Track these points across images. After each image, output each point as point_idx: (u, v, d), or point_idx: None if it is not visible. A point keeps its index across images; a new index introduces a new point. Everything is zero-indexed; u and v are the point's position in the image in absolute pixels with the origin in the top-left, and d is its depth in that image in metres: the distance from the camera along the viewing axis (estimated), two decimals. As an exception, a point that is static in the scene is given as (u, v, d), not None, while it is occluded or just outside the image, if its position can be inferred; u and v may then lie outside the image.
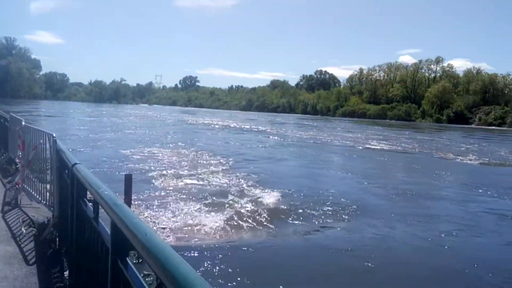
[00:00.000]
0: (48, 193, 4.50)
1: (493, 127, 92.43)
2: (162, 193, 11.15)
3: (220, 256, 6.69)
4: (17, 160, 6.71)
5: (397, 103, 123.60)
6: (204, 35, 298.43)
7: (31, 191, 4.80)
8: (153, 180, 12.86)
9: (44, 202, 4.61)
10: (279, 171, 17.17)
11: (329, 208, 10.47)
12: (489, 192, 14.18)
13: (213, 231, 8.00)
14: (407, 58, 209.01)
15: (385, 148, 30.23)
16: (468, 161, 24.00)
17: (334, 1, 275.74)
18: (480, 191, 14.48)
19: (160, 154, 19.28)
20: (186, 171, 15.11)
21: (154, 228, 7.59)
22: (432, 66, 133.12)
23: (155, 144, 23.66)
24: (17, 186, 5.13)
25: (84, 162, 11.61)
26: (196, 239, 7.43)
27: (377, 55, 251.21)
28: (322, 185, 14.01)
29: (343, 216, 10.01)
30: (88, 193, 2.64)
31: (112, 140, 25.16)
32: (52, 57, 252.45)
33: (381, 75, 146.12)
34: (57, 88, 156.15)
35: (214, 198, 10.92)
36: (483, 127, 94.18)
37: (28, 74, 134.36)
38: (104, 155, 18.03)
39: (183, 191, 11.56)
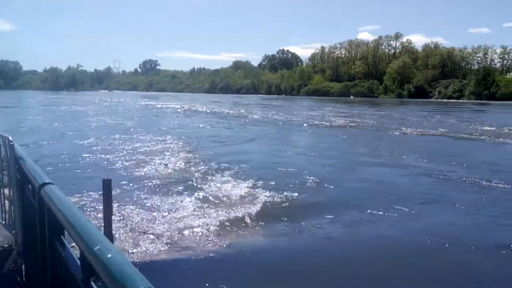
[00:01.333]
0: (6, 211, 3.61)
1: (453, 100, 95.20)
2: (134, 187, 10.37)
3: (221, 263, 6.23)
4: None
5: (360, 80, 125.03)
6: (164, 17, 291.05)
7: None
8: (124, 175, 12.01)
9: (3, 222, 3.69)
10: (247, 155, 16.67)
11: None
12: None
13: (203, 233, 7.38)
14: (366, 35, 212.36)
15: (345, 124, 30.99)
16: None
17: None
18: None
19: (125, 143, 18.27)
20: (157, 160, 14.30)
21: (143, 237, 7.04)
22: (391, 42, 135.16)
23: (118, 132, 22.50)
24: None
25: (45, 157, 10.61)
26: (188, 246, 6.82)
27: (337, 33, 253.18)
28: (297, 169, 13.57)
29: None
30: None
31: (71, 130, 23.81)
32: (3, 44, 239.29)
33: (343, 52, 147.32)
34: (10, 76, 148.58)
35: (189, 188, 10.36)
36: (443, 100, 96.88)
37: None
38: (65, 148, 16.85)
39: (158, 183, 10.84)
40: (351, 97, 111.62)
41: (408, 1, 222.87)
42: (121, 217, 7.90)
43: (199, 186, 10.74)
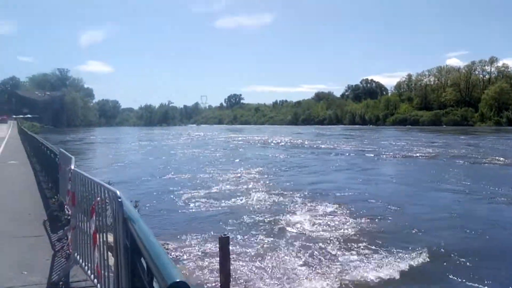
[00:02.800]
0: (110, 277, 2.92)
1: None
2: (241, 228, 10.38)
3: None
4: (66, 209, 6.00)
5: (451, 107, 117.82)
6: (245, 53, 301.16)
7: (83, 264, 3.66)
8: (226, 212, 12.16)
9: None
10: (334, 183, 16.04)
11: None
12: None
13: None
14: (454, 61, 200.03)
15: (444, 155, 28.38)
16: None
17: (370, 10, 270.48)
18: None
19: (219, 176, 18.69)
20: (258, 193, 14.34)
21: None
22: (486, 67, 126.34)
23: (210, 165, 23.20)
24: (68, 248, 4.39)
25: (143, 196, 10.87)
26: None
27: (422, 60, 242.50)
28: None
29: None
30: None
31: (167, 164, 25.00)
32: (104, 85, 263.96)
33: (431, 80, 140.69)
34: (110, 114, 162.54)
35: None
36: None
37: (82, 103, 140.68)
38: (163, 185, 17.59)
39: (266, 226, 10.68)
40: (443, 126, 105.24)
41: (498, 24, 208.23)
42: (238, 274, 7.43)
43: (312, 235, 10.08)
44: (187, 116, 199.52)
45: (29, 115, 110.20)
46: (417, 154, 30.12)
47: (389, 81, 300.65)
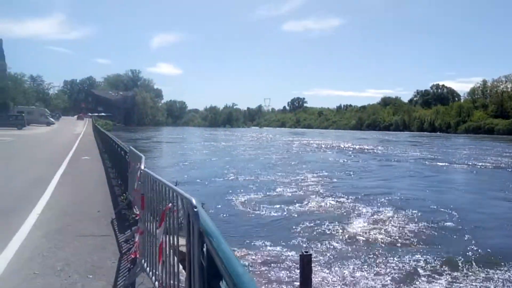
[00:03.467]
0: None
1: None
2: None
3: None
4: (134, 208, 5.83)
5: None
6: (310, 56, 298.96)
7: (150, 273, 3.46)
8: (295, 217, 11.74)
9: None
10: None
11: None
12: None
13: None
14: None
15: None
16: None
17: (440, 14, 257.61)
18: None
19: (283, 182, 18.31)
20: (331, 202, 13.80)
21: None
22: None
23: (275, 169, 22.91)
24: (135, 254, 4.17)
25: (209, 199, 10.65)
26: None
27: (497, 66, 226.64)
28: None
29: None
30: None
31: (231, 165, 25.05)
32: (172, 87, 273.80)
33: (508, 86, 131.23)
34: (176, 115, 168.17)
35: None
36: None
37: (152, 103, 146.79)
38: (228, 187, 17.52)
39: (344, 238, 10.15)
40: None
41: None
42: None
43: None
44: (250, 118, 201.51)
45: (103, 113, 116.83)
46: (489, 164, 27.88)
47: (461, 86, 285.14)
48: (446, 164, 29.05)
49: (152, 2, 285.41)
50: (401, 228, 10.85)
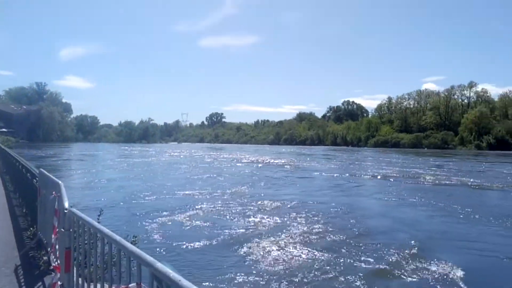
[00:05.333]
0: None
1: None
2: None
3: None
4: (50, 255, 4.35)
5: (432, 130, 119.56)
6: (228, 72, 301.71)
7: None
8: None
9: None
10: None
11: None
12: None
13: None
14: (431, 86, 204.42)
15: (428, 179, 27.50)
16: None
17: (350, 34, 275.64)
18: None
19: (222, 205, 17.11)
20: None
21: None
22: (465, 91, 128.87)
23: (206, 185, 21.61)
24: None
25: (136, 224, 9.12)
26: None
27: (400, 84, 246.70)
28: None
29: None
30: None
31: (159, 184, 23.27)
32: (83, 101, 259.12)
33: (411, 103, 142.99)
34: (88, 130, 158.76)
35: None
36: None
37: (60, 117, 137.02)
38: (161, 209, 15.94)
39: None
40: (424, 148, 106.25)
41: (474, 50, 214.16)
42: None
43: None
44: (167, 134, 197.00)
45: (4, 129, 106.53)
46: (394, 174, 29.32)
47: (369, 103, 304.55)
48: (356, 175, 30.72)
49: (62, 11, 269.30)
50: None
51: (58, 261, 3.38)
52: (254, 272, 8.00)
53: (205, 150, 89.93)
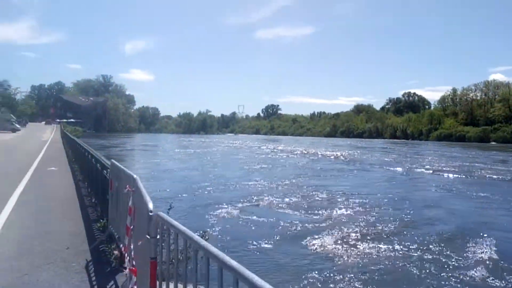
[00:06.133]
0: None
1: None
2: None
3: None
4: (122, 249, 4.18)
5: (500, 124, 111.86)
6: (283, 64, 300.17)
7: None
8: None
9: None
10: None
11: None
12: None
13: None
14: (499, 76, 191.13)
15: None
16: None
17: (409, 23, 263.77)
18: None
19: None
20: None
21: None
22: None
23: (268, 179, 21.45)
24: None
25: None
26: None
27: (464, 75, 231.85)
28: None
29: None
30: None
31: (222, 176, 23.41)
32: (144, 92, 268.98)
33: (478, 94, 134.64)
34: (149, 121, 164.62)
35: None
36: None
37: (124, 109, 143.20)
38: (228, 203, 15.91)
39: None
40: (492, 142, 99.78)
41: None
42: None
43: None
44: (224, 125, 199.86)
45: (72, 119, 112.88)
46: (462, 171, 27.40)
47: (431, 95, 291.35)
48: (421, 169, 29.41)
49: (125, 8, 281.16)
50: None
51: (134, 263, 3.17)
52: (329, 269, 7.59)
53: (262, 141, 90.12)
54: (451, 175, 26.06)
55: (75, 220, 7.18)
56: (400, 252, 9.02)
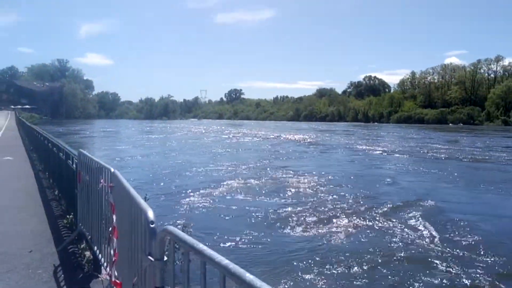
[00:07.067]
0: None
1: None
2: None
3: None
4: (96, 251, 3.55)
5: (457, 106, 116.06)
6: (244, 48, 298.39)
7: None
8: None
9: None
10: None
11: None
12: None
13: None
14: (454, 60, 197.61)
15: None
16: None
17: (368, 7, 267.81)
18: None
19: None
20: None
21: None
22: (491, 65, 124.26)
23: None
24: None
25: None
26: None
27: (421, 59, 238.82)
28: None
29: None
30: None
31: (188, 162, 22.73)
32: (103, 77, 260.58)
33: (435, 77, 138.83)
34: (109, 107, 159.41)
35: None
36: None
37: (82, 94, 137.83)
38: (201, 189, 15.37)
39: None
40: (450, 124, 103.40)
41: (498, 24, 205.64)
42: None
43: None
44: (187, 110, 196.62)
45: (27, 106, 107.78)
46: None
47: (390, 78, 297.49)
48: (380, 150, 30.81)
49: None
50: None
51: (116, 273, 2.68)
52: (299, 249, 7.30)
53: (226, 126, 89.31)
54: (405, 156, 27.44)
55: (37, 216, 6.42)
56: (358, 224, 10.01)
